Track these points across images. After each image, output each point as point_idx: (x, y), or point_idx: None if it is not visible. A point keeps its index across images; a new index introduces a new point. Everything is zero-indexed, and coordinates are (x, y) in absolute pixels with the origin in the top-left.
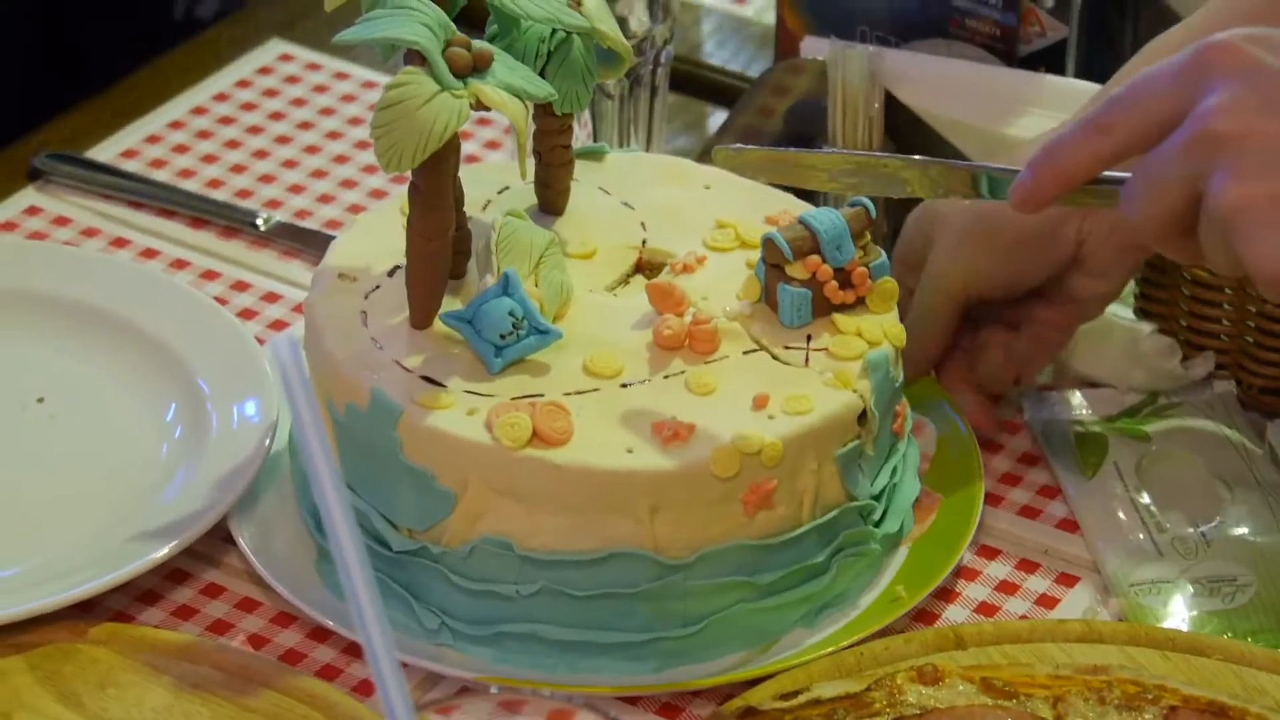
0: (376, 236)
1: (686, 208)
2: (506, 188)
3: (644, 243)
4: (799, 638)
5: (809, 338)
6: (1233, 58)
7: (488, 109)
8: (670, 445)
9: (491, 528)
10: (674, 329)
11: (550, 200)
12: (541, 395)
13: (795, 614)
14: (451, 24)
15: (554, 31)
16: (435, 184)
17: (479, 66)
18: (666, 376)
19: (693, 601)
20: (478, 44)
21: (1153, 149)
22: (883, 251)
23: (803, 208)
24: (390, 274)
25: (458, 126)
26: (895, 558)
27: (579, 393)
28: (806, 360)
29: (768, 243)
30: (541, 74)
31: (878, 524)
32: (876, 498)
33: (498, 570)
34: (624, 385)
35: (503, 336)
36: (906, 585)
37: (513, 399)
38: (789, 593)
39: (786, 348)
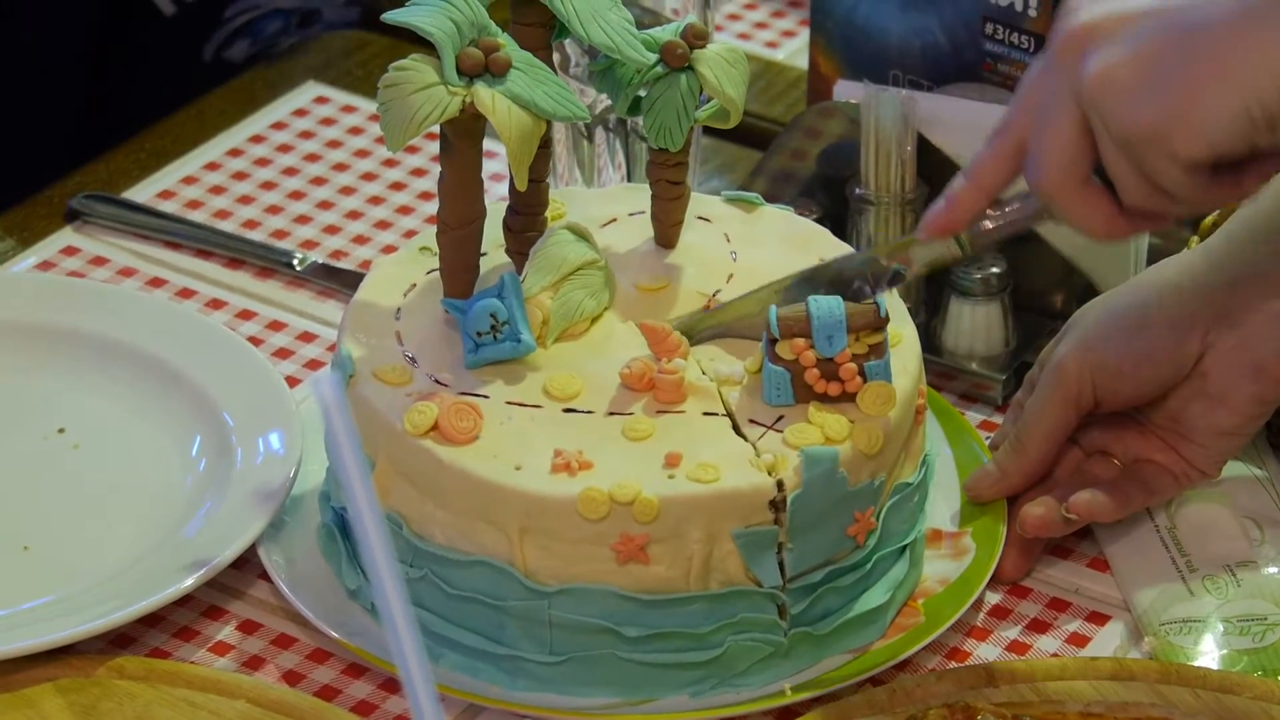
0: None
1: (779, 272)
2: (641, 212)
3: (716, 293)
4: (683, 703)
5: (780, 418)
6: (1078, 2)
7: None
8: (557, 474)
9: (393, 505)
10: (633, 370)
11: (661, 233)
12: (487, 397)
13: (678, 678)
14: (490, 28)
15: (654, 66)
16: (453, 175)
17: (493, 71)
18: (611, 414)
19: (559, 632)
20: (503, 52)
21: None
22: (888, 355)
23: (894, 300)
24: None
25: (439, 119)
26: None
27: (521, 405)
28: (760, 438)
29: (770, 316)
30: (636, 104)
31: (804, 619)
32: (803, 591)
33: (398, 547)
34: (566, 410)
35: (479, 334)
36: (929, 616)
37: (460, 393)
38: (665, 654)
39: (751, 421)
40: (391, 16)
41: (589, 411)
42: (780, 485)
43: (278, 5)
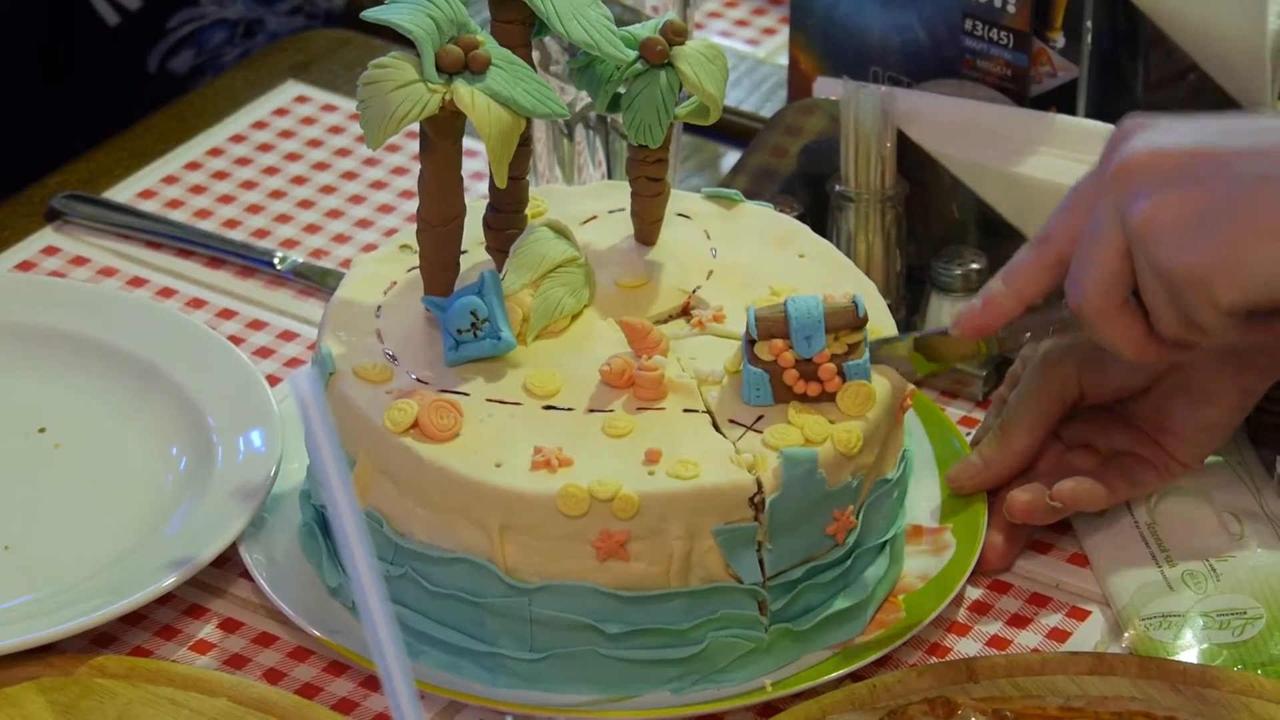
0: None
1: (758, 268)
2: (621, 209)
3: (695, 290)
4: (664, 699)
5: (759, 418)
6: (1139, 123)
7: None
8: (537, 471)
9: (373, 502)
10: (613, 367)
11: (641, 230)
12: (468, 395)
13: (659, 674)
14: (469, 25)
15: (634, 63)
16: (433, 173)
17: (473, 68)
18: (591, 411)
19: (539, 629)
20: (482, 50)
21: None
22: (867, 354)
23: (874, 297)
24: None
25: (419, 117)
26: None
27: (500, 402)
28: (739, 438)
29: (748, 317)
30: (616, 101)
31: (785, 616)
32: (784, 588)
33: (378, 544)
34: (546, 407)
35: (460, 332)
36: (910, 612)
37: (440, 390)
38: (646, 650)
39: (731, 421)
40: (371, 14)
41: (569, 409)
42: (759, 485)
43: (222, 16)
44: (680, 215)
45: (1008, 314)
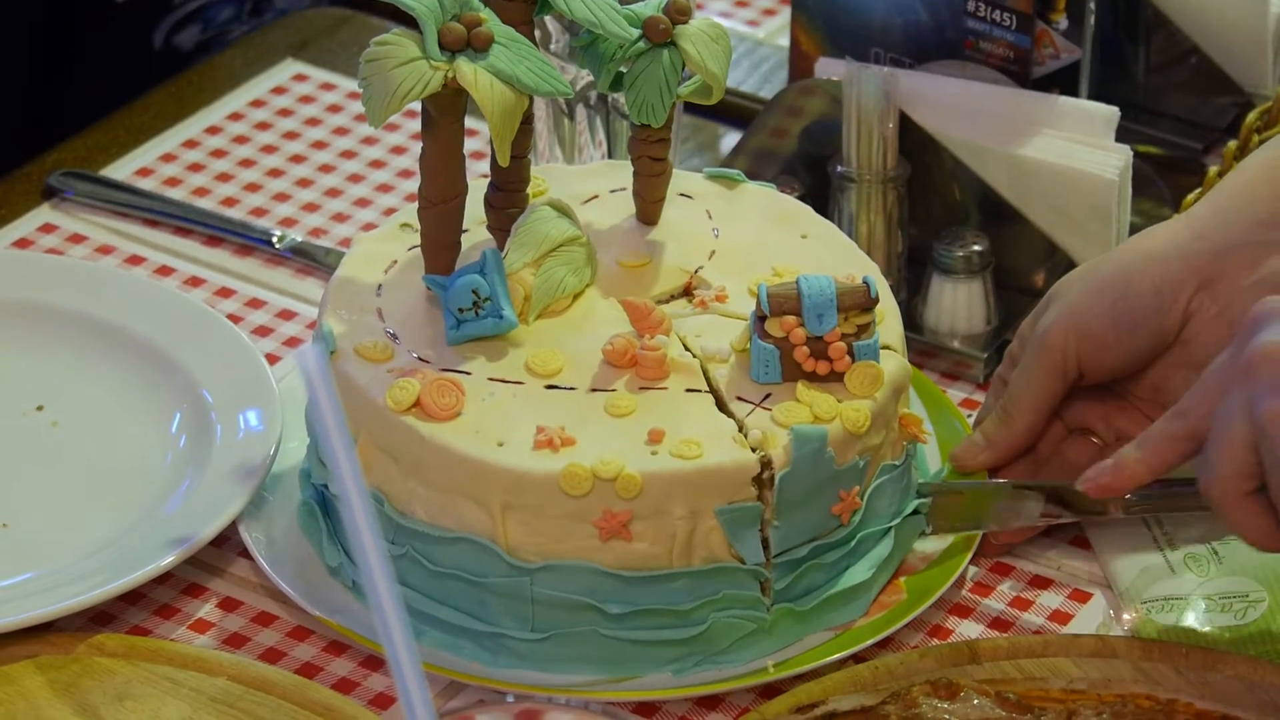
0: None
1: (761, 248)
2: (623, 188)
3: (698, 270)
4: (665, 680)
5: (767, 396)
6: (1276, 309)
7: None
8: (539, 450)
9: (374, 482)
10: (616, 346)
11: (642, 210)
12: (469, 374)
13: (661, 655)
14: (472, 2)
15: (636, 41)
16: (435, 151)
17: (475, 46)
18: (594, 390)
19: (541, 609)
20: (485, 27)
21: None
22: (876, 335)
23: (876, 278)
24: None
25: (421, 94)
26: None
27: (503, 381)
28: (748, 415)
29: (760, 294)
30: (618, 80)
31: (787, 596)
32: (788, 567)
33: (379, 524)
34: (549, 387)
35: (461, 310)
36: (912, 593)
37: (442, 369)
38: (648, 631)
39: (739, 399)
40: None
41: (571, 388)
42: (766, 463)
43: None
44: (682, 195)
45: (1137, 480)
